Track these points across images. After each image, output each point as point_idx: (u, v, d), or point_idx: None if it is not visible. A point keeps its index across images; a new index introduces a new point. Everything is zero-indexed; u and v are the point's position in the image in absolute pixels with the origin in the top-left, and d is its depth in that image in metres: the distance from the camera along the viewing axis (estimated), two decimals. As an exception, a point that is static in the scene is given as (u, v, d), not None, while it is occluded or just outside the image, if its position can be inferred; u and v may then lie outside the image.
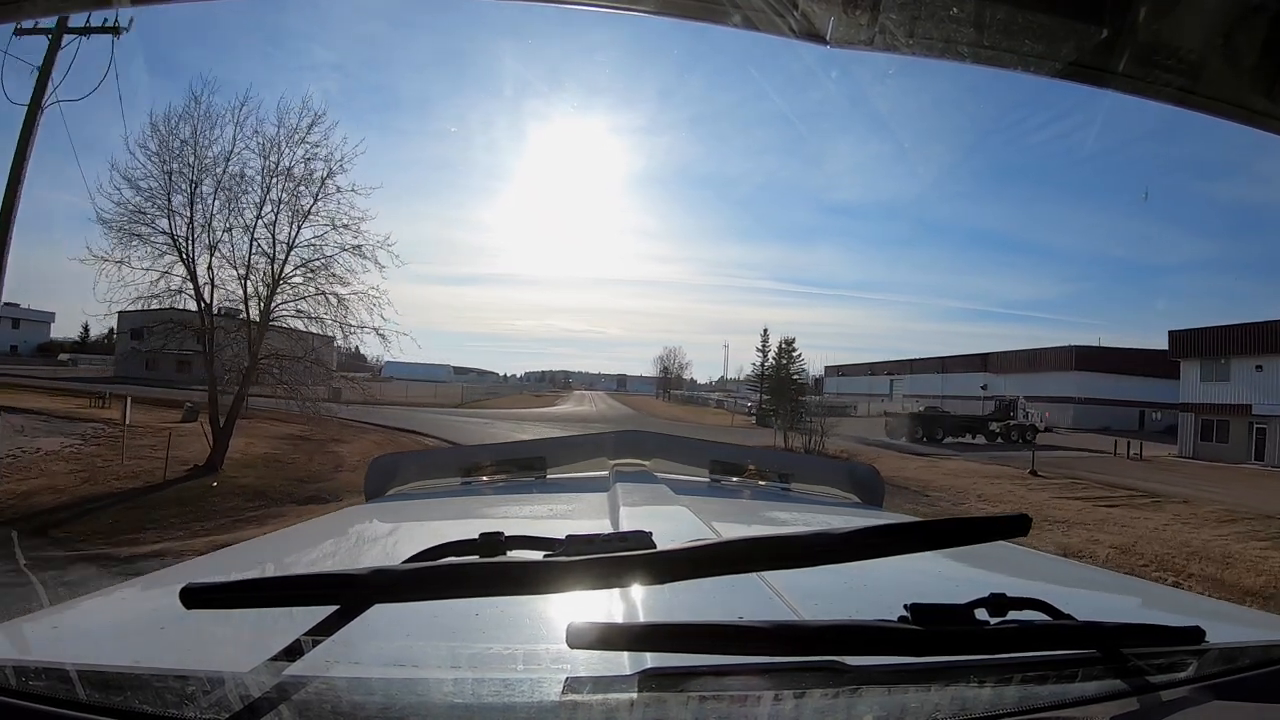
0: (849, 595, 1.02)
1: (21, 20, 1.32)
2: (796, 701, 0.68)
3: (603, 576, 0.74)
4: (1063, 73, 1.00)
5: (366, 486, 2.12)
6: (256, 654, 0.74)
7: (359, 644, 0.78)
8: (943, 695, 0.70)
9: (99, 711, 0.65)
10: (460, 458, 2.35)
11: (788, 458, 2.23)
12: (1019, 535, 0.79)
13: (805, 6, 0.84)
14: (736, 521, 1.78)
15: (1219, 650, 0.82)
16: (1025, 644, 0.76)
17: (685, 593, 0.79)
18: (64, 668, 0.71)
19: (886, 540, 0.79)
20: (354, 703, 0.67)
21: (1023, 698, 0.72)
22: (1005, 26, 0.93)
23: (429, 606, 0.85)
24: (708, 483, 2.32)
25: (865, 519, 1.68)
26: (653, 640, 0.73)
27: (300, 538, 1.61)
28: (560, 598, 0.76)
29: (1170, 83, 1.03)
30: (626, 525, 1.13)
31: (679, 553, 0.75)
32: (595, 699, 0.68)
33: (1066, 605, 0.82)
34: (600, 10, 1.00)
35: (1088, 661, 0.78)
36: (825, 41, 0.86)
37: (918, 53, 0.91)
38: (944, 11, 0.89)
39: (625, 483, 1.92)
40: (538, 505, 1.91)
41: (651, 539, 0.80)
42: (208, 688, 0.68)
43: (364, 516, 1.85)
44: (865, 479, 2.29)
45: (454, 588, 0.76)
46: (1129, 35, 0.99)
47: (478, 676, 0.75)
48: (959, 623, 0.76)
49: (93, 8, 1.64)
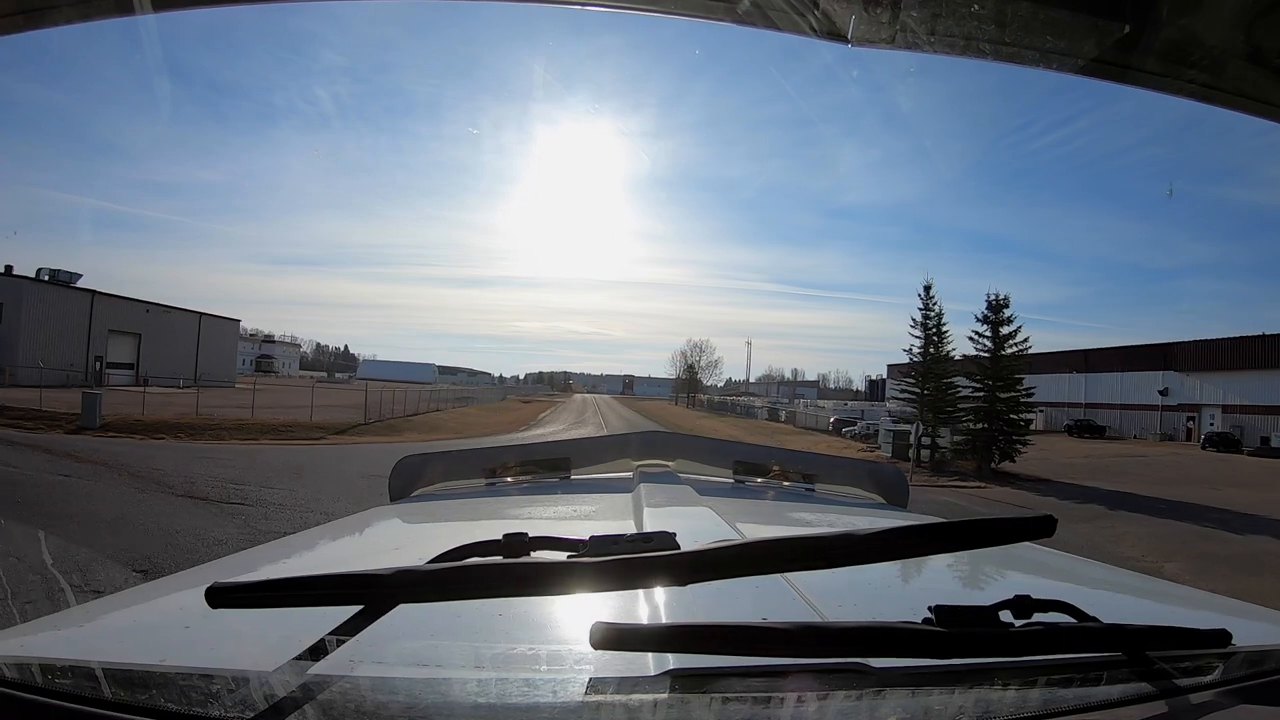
0: (873, 596, 1.01)
1: (38, 29, 1.35)
2: (820, 703, 0.67)
3: (626, 577, 0.74)
4: (1085, 69, 0.99)
5: (391, 487, 2.13)
6: (281, 653, 0.74)
7: (383, 644, 0.79)
8: (967, 698, 0.70)
9: (125, 709, 0.66)
10: (484, 458, 2.35)
11: (811, 459, 2.23)
12: (1044, 536, 0.78)
13: (826, 5, 0.84)
14: (760, 522, 1.77)
15: (1246, 653, 0.81)
16: (1050, 646, 0.76)
17: (708, 594, 0.79)
18: (90, 666, 0.71)
19: (910, 541, 0.78)
20: (378, 702, 0.67)
21: (1047, 701, 0.71)
22: (1026, 23, 0.92)
23: (452, 606, 0.85)
24: (731, 484, 2.32)
25: (889, 520, 1.68)
26: (676, 641, 0.73)
27: (324, 538, 1.63)
28: (584, 598, 0.76)
29: (1194, 79, 1.02)
30: (650, 526, 1.13)
31: (702, 554, 0.75)
32: (618, 699, 0.68)
33: (1090, 607, 0.81)
34: (615, 11, 1.00)
35: (1113, 664, 0.77)
36: (847, 40, 0.86)
37: (939, 50, 0.91)
38: (965, 8, 0.88)
39: (649, 483, 1.92)
40: (561, 506, 1.91)
41: (675, 540, 0.80)
42: (232, 686, 0.68)
43: (388, 517, 1.86)
44: (890, 480, 2.28)
45: (478, 588, 0.77)
46: (1152, 31, 0.99)
47: (501, 676, 0.75)
48: (983, 625, 0.75)
49: (116, 15, 1.67)
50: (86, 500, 10.56)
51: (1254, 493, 19.55)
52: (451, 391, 54.82)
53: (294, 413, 27.25)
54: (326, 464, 16.82)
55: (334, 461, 17.48)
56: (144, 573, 7.24)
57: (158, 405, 25.71)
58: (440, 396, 45.00)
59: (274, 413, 26.98)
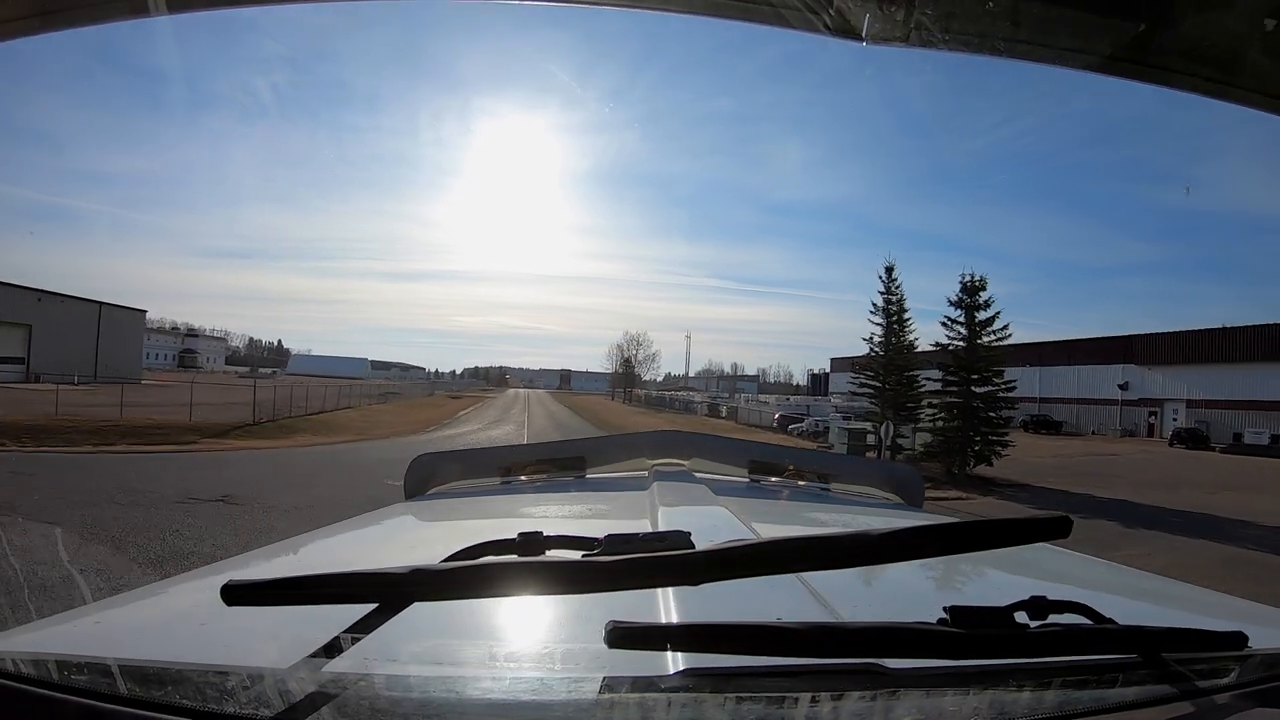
0: (888, 597, 1.01)
1: (52, 31, 1.37)
2: (834, 704, 0.67)
3: (641, 576, 0.74)
4: (1099, 67, 0.98)
5: (406, 485, 2.14)
6: (296, 651, 0.75)
7: (398, 642, 0.79)
8: (981, 699, 0.70)
9: (140, 705, 0.66)
10: (500, 457, 2.37)
11: (827, 458, 2.24)
12: (1060, 537, 0.78)
13: (840, 4, 0.84)
14: (775, 522, 1.77)
15: (1262, 656, 0.80)
16: (1065, 648, 0.75)
17: (723, 593, 0.79)
18: (106, 662, 0.72)
19: (925, 542, 0.78)
20: (392, 700, 0.67)
21: (1062, 702, 0.71)
22: (1041, 21, 0.92)
23: (467, 605, 0.85)
24: (747, 483, 2.32)
25: (905, 520, 1.67)
26: (690, 640, 0.73)
27: (340, 536, 1.64)
28: (598, 597, 0.76)
29: (1210, 75, 1.02)
30: (665, 525, 1.13)
31: (717, 553, 0.75)
32: (633, 698, 0.68)
33: (1105, 608, 0.81)
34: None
35: (1128, 666, 0.76)
36: (861, 39, 0.86)
37: (954, 49, 0.90)
38: (980, 6, 0.88)
39: (664, 482, 1.92)
40: (577, 505, 1.92)
41: (690, 539, 0.79)
42: (247, 683, 0.69)
43: (403, 515, 1.87)
44: (905, 479, 2.28)
45: (492, 587, 0.77)
46: (1167, 28, 0.98)
47: (515, 675, 0.75)
48: (998, 626, 0.75)
49: (131, 16, 1.68)
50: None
51: (1257, 498, 18.02)
52: (375, 387, 51.91)
53: (180, 412, 23.71)
54: (149, 480, 12.72)
55: (156, 476, 13.35)
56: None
57: (33, 403, 22.42)
58: (357, 393, 41.62)
59: (159, 411, 23.70)
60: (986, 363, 21.99)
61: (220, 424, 23.30)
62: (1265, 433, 34.70)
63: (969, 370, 21.81)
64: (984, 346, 22.02)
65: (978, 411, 21.48)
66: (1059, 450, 30.07)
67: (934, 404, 23.08)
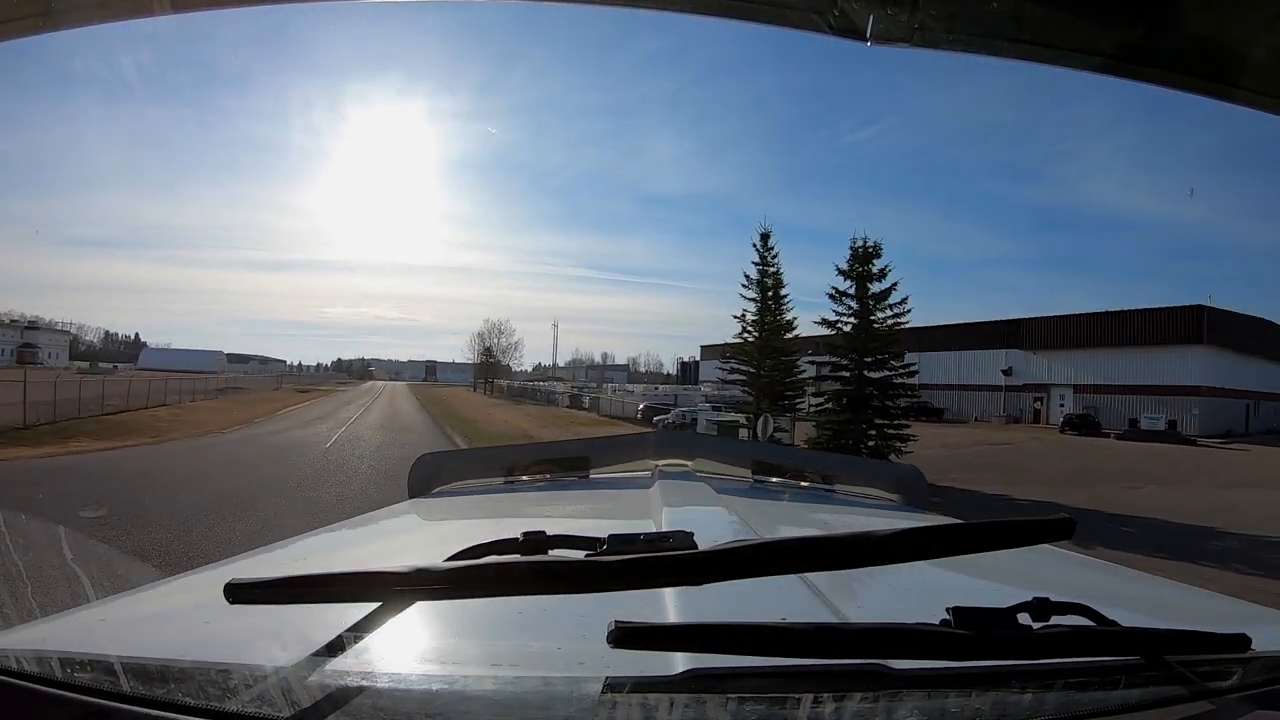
0: (891, 597, 1.01)
1: (56, 30, 1.36)
2: (837, 704, 0.67)
3: (644, 576, 0.74)
4: (1103, 68, 0.98)
5: (410, 484, 2.14)
6: (299, 649, 0.75)
7: (400, 641, 0.79)
8: (984, 700, 0.70)
9: (143, 703, 0.67)
10: (504, 457, 2.39)
11: (830, 459, 2.28)
12: (1063, 539, 0.78)
13: (844, 4, 0.84)
14: (778, 522, 1.78)
15: (1265, 658, 0.80)
16: (1068, 650, 0.75)
17: (726, 593, 0.79)
18: (109, 660, 0.72)
19: (928, 542, 0.78)
20: (394, 698, 0.68)
21: (1064, 704, 0.71)
22: (1045, 21, 0.92)
23: (470, 604, 0.85)
24: (750, 483, 2.33)
25: (908, 520, 1.67)
26: (694, 640, 0.73)
27: (343, 535, 1.64)
28: (602, 597, 0.76)
29: (1215, 77, 1.01)
30: (668, 525, 1.13)
31: (721, 553, 0.75)
32: (636, 699, 0.68)
33: (1108, 609, 0.81)
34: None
35: (1131, 668, 0.76)
36: (865, 39, 0.86)
37: (957, 49, 0.91)
38: (984, 7, 0.88)
39: (667, 482, 1.92)
40: (580, 504, 1.93)
41: (693, 539, 0.79)
42: (250, 682, 0.69)
43: (406, 514, 1.87)
44: (908, 480, 2.28)
45: (496, 586, 0.77)
46: (1172, 29, 0.98)
47: (518, 675, 0.75)
48: (1001, 627, 0.75)
49: (134, 15, 1.67)
50: None
51: (1189, 492, 15.45)
52: (220, 381, 47.55)
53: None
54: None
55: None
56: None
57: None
58: (191, 388, 36.71)
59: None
60: (883, 343, 18.70)
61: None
62: (1161, 418, 33.56)
63: (861, 352, 18.61)
64: (880, 323, 18.81)
65: (870, 400, 18.53)
66: (946, 440, 26.52)
67: (819, 392, 20.33)
